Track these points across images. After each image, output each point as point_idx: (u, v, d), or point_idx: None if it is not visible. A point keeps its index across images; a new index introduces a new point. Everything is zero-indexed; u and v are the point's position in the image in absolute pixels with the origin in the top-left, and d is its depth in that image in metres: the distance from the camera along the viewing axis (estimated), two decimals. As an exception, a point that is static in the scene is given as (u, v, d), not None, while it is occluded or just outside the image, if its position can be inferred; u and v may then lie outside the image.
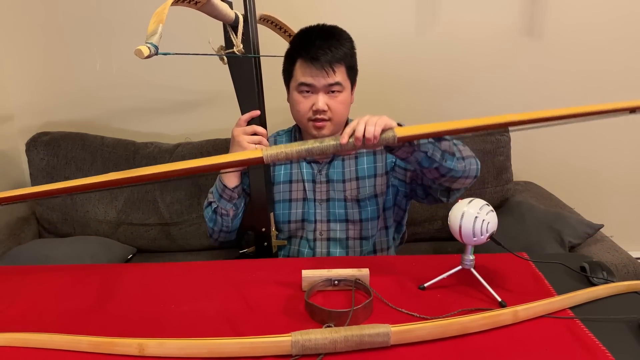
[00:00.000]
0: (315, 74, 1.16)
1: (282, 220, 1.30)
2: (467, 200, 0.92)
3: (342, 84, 1.18)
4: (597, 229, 1.52)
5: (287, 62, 1.23)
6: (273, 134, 1.37)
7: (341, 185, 1.28)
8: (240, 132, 1.16)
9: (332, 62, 1.15)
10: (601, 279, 0.99)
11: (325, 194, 1.29)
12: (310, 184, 1.29)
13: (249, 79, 1.16)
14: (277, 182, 1.30)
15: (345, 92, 1.20)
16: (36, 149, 1.69)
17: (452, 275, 0.97)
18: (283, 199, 1.30)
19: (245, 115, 1.18)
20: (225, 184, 1.20)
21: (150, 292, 0.97)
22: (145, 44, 0.81)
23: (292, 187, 1.30)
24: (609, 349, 0.79)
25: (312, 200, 1.29)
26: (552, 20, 1.84)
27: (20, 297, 0.95)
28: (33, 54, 1.81)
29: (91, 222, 1.70)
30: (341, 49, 1.17)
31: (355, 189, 1.27)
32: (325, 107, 1.18)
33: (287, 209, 1.30)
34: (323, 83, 1.16)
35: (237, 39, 1.12)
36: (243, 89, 1.17)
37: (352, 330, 0.78)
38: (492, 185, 1.80)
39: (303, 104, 1.19)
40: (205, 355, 0.77)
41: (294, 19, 1.37)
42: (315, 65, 1.15)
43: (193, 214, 1.71)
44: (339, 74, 1.17)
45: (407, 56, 1.86)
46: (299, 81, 1.18)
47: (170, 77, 1.86)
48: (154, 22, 0.85)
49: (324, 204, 1.29)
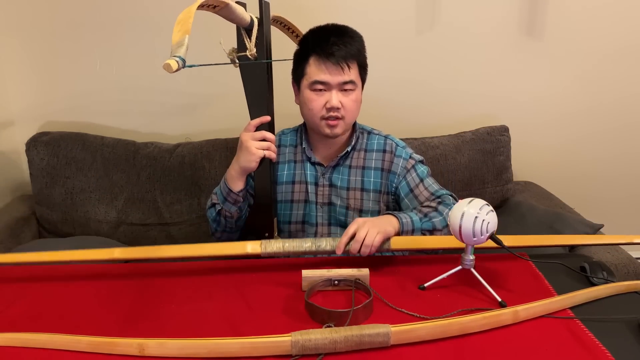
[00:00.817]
0: (331, 71, 1.16)
1: (282, 221, 1.30)
2: (467, 200, 0.92)
3: (355, 82, 1.18)
4: (597, 229, 1.52)
5: (298, 61, 1.22)
6: (278, 133, 1.35)
7: (345, 192, 1.27)
8: (249, 137, 1.13)
9: (347, 58, 1.15)
10: (601, 279, 0.99)
11: (327, 197, 1.28)
12: (312, 186, 1.28)
13: (261, 84, 1.13)
14: (279, 182, 1.30)
15: (358, 90, 1.21)
16: (36, 149, 1.69)
17: (452, 275, 0.97)
18: (285, 199, 1.30)
19: (256, 121, 1.14)
20: (231, 187, 1.17)
21: (150, 292, 0.97)
22: (172, 57, 0.78)
23: (294, 188, 1.29)
24: (609, 349, 0.79)
25: (313, 202, 1.29)
26: (552, 20, 1.84)
27: (20, 297, 0.95)
28: (33, 54, 1.81)
29: (91, 222, 1.70)
30: (355, 46, 1.18)
31: (359, 199, 1.27)
32: (339, 105, 1.17)
33: (288, 209, 1.29)
34: (338, 80, 1.16)
35: (250, 42, 1.09)
36: (254, 93, 1.14)
37: (352, 330, 0.78)
38: (492, 185, 1.80)
39: (316, 101, 1.19)
40: (205, 355, 0.77)
41: (294, 19, 1.37)
42: (331, 61, 1.15)
43: (193, 214, 1.71)
44: (353, 71, 1.18)
45: (407, 56, 1.86)
46: (313, 79, 1.17)
47: (170, 77, 1.85)
48: (179, 32, 0.83)
49: (325, 207, 1.29)
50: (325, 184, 1.28)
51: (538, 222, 1.58)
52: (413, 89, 1.91)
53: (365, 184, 1.27)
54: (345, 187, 1.27)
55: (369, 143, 1.30)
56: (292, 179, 1.30)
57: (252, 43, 1.09)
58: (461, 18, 1.83)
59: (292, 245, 1.06)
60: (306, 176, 1.29)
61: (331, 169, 1.28)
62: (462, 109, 1.94)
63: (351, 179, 1.28)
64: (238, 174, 1.16)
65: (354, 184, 1.27)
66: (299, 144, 1.31)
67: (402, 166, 1.28)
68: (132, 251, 1.05)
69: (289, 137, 1.34)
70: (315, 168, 1.29)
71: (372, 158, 1.29)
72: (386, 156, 1.29)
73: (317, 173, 1.29)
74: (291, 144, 1.32)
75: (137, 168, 1.71)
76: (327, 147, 1.29)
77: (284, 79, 1.28)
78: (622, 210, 2.11)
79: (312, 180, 1.29)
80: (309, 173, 1.29)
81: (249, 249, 1.05)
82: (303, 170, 1.29)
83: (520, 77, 1.91)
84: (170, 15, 1.84)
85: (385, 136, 1.32)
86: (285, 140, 1.33)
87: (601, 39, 1.87)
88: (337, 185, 1.28)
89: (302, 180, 1.29)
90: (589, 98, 1.95)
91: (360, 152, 1.29)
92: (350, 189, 1.27)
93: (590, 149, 2.03)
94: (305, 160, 1.30)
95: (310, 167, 1.29)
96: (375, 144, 1.30)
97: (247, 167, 1.13)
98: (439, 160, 1.74)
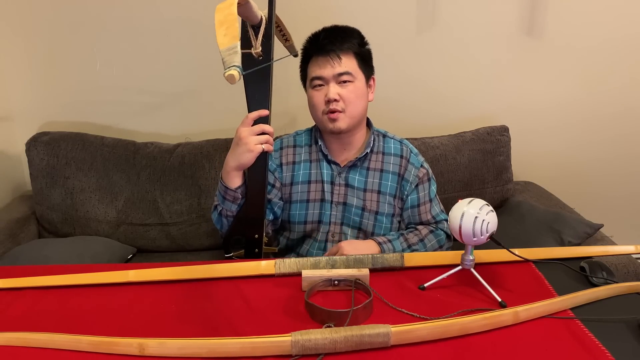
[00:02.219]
0: (322, 64, 1.18)
1: (297, 221, 1.29)
2: (467, 200, 0.92)
3: (352, 73, 1.19)
4: (597, 228, 1.52)
5: (302, 65, 1.26)
6: (292, 134, 1.36)
7: (361, 193, 1.27)
8: (248, 132, 1.07)
9: (337, 50, 1.18)
10: (601, 279, 0.99)
11: (342, 197, 1.28)
12: (328, 185, 1.28)
13: (263, 81, 1.11)
14: (295, 182, 1.29)
15: (358, 82, 1.21)
16: (36, 149, 1.69)
17: (452, 275, 0.97)
18: (300, 199, 1.29)
19: (254, 114, 1.09)
20: (227, 185, 1.14)
21: (150, 292, 0.97)
22: (233, 67, 0.77)
23: (310, 187, 1.29)
24: (609, 349, 0.79)
25: (329, 202, 1.28)
26: (552, 20, 1.84)
27: (20, 297, 0.95)
28: (33, 54, 1.81)
29: (91, 222, 1.70)
30: (348, 40, 1.19)
31: (375, 202, 1.27)
32: (337, 97, 1.18)
33: (304, 209, 1.29)
34: (331, 72, 1.18)
35: (257, 40, 1.07)
36: (255, 90, 1.12)
37: (352, 331, 0.78)
38: (492, 185, 1.80)
39: (317, 97, 1.21)
40: (205, 355, 0.77)
41: (294, 19, 1.37)
42: (321, 55, 1.18)
43: (193, 214, 1.71)
44: (348, 62, 1.19)
45: (407, 56, 1.86)
46: (311, 76, 1.21)
47: (170, 77, 1.86)
48: (227, 36, 0.80)
49: (340, 206, 1.28)
50: (342, 183, 1.28)
51: (538, 222, 1.58)
52: (413, 89, 1.91)
53: (382, 186, 1.28)
54: (363, 188, 1.27)
55: (385, 146, 1.31)
56: (308, 179, 1.29)
57: (258, 41, 1.07)
58: (461, 18, 1.83)
59: (306, 264, 1.02)
60: (322, 175, 1.29)
61: (347, 169, 1.28)
62: (462, 109, 1.94)
63: (369, 181, 1.28)
64: (234, 170, 1.12)
65: (371, 185, 1.27)
66: (314, 142, 1.31)
67: (414, 174, 1.28)
68: (146, 273, 1.02)
69: (303, 137, 1.34)
70: (332, 167, 1.29)
71: (389, 162, 1.29)
72: (402, 162, 1.29)
73: (333, 172, 1.29)
74: (306, 144, 1.32)
75: (137, 168, 1.71)
76: (342, 147, 1.29)
77: (280, 77, 1.27)
78: (622, 210, 2.11)
79: (328, 179, 1.28)
80: (325, 172, 1.29)
81: (263, 268, 1.03)
82: (319, 170, 1.29)
83: (520, 77, 1.91)
84: (171, 15, 1.85)
85: (400, 140, 1.33)
86: (300, 140, 1.34)
87: (601, 38, 1.87)
88: (354, 185, 1.27)
89: (318, 179, 1.29)
90: (589, 98, 1.95)
91: (378, 155, 1.29)
92: (367, 190, 1.27)
93: (590, 149, 2.03)
94: (321, 159, 1.29)
95: (326, 165, 1.29)
96: (392, 147, 1.31)
97: (244, 163, 1.09)
98: (439, 160, 1.74)
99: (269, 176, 1.25)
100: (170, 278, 1.00)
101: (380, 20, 1.81)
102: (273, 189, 1.29)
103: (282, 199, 1.31)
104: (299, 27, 1.28)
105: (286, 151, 1.32)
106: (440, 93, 1.92)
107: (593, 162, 2.05)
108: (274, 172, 1.30)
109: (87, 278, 1.00)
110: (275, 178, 1.30)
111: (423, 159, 1.33)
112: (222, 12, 0.84)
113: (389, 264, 1.03)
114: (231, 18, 0.83)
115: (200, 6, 1.70)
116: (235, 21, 0.83)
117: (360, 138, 1.29)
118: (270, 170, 1.28)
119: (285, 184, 1.30)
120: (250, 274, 1.02)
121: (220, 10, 0.85)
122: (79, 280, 0.99)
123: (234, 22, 0.83)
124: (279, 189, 1.30)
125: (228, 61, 0.78)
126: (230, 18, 0.83)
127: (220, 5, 0.87)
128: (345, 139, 1.26)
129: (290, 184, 1.30)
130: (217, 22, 0.83)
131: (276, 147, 1.33)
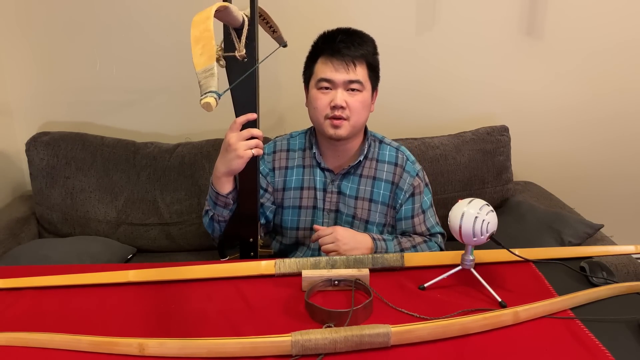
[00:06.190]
0: (337, 68, 1.15)
1: (289, 227, 1.28)
2: (467, 200, 0.92)
3: (362, 82, 1.16)
4: (597, 228, 1.52)
5: (308, 62, 1.22)
6: (286, 136, 1.33)
7: (353, 201, 1.26)
8: (237, 138, 1.06)
9: (354, 57, 1.15)
10: (601, 279, 0.99)
11: (334, 204, 1.27)
12: (321, 192, 1.26)
13: (249, 85, 1.09)
14: (287, 187, 1.28)
15: (365, 92, 1.18)
16: (36, 149, 1.69)
17: (452, 275, 0.97)
18: (293, 205, 1.27)
19: (241, 118, 1.07)
20: (218, 190, 1.12)
21: (150, 292, 0.97)
22: (208, 94, 0.72)
23: (303, 194, 1.27)
24: (609, 349, 0.79)
25: (320, 209, 1.27)
26: (552, 20, 1.84)
27: (20, 297, 0.95)
28: (33, 54, 1.81)
29: (91, 222, 1.70)
30: (364, 47, 1.17)
31: (366, 210, 1.25)
32: (344, 104, 1.15)
33: (296, 215, 1.28)
34: (344, 78, 1.15)
35: (240, 43, 1.05)
36: (241, 93, 1.10)
37: (352, 331, 0.78)
38: (492, 185, 1.80)
39: (321, 100, 1.17)
40: (205, 355, 0.77)
41: (294, 21, 1.37)
42: (337, 58, 1.14)
43: (193, 214, 1.71)
44: (360, 71, 1.16)
45: (407, 56, 1.86)
46: (319, 77, 1.17)
47: (170, 77, 1.86)
48: (203, 56, 0.76)
49: (332, 214, 1.27)
50: (334, 191, 1.26)
51: (538, 222, 1.58)
52: (413, 89, 1.91)
53: (374, 195, 1.25)
54: (354, 196, 1.25)
55: (380, 153, 1.28)
56: (300, 185, 1.27)
57: (241, 44, 1.05)
58: (461, 18, 1.83)
59: (306, 264, 1.02)
60: (315, 182, 1.26)
61: (341, 177, 1.26)
62: (462, 109, 1.94)
63: (360, 188, 1.25)
64: (224, 175, 1.10)
65: (363, 193, 1.25)
66: (308, 147, 1.28)
67: (409, 183, 1.25)
68: (146, 273, 1.02)
69: (297, 141, 1.31)
70: (325, 174, 1.27)
71: (383, 170, 1.26)
72: (397, 170, 1.26)
73: (326, 179, 1.26)
74: (300, 148, 1.29)
75: (137, 168, 1.71)
76: (337, 154, 1.26)
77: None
78: (622, 210, 2.11)
79: (320, 186, 1.26)
80: (318, 179, 1.26)
81: (263, 268, 1.03)
82: (312, 176, 1.27)
83: (520, 77, 1.91)
84: (171, 15, 1.85)
85: (396, 147, 1.29)
86: (294, 144, 1.30)
87: (601, 38, 1.87)
88: (346, 193, 1.26)
89: (310, 186, 1.27)
90: (589, 98, 1.95)
91: (372, 162, 1.27)
92: (359, 198, 1.25)
93: (590, 149, 2.03)
94: (314, 165, 1.27)
95: (319, 172, 1.27)
96: (387, 155, 1.27)
97: (235, 169, 1.08)
98: (439, 160, 1.74)
99: (261, 180, 1.23)
100: (170, 278, 1.00)
101: (380, 20, 1.81)
102: (265, 193, 1.28)
103: (275, 204, 1.29)
104: (299, 27, 1.28)
105: (279, 155, 1.30)
106: (440, 93, 1.92)
107: (593, 162, 2.05)
108: (266, 177, 1.28)
109: (87, 278, 0.99)
110: (268, 182, 1.28)
111: (420, 167, 1.29)
112: (198, 28, 0.79)
113: (389, 264, 1.03)
114: (207, 35, 0.78)
115: (200, 6, 1.70)
116: (212, 38, 0.78)
117: (355, 145, 1.26)
118: (263, 174, 1.27)
119: (277, 189, 1.28)
120: (250, 274, 1.02)
121: (196, 25, 0.80)
122: (79, 280, 0.99)
123: (210, 39, 0.78)
124: (272, 193, 1.29)
125: (204, 86, 0.74)
126: (207, 35, 0.78)
127: (196, 17, 0.81)
128: (341, 146, 1.24)
129: (283, 189, 1.28)
130: (192, 39, 0.78)
131: (269, 151, 1.30)
